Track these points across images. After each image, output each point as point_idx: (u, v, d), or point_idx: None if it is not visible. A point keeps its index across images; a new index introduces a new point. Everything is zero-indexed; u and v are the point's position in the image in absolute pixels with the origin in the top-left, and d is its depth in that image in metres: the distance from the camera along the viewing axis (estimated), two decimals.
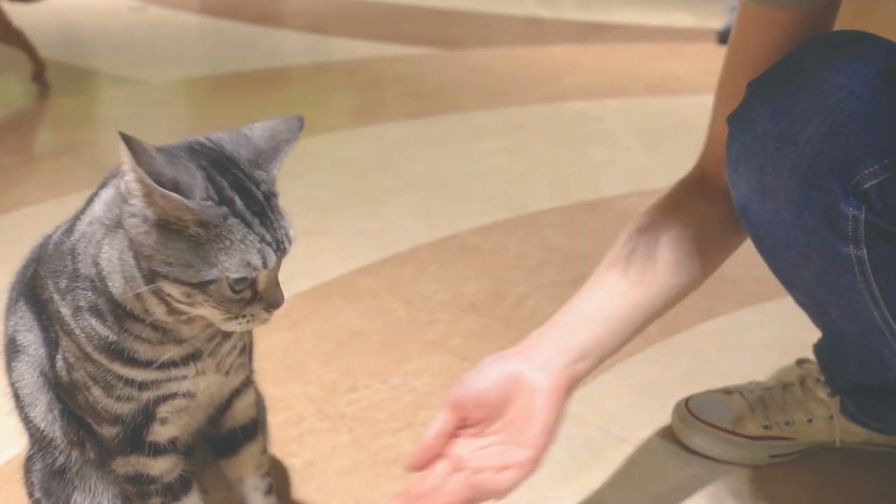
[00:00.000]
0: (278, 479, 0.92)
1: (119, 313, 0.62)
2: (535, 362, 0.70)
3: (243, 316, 0.61)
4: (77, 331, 0.64)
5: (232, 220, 0.57)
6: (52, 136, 2.39)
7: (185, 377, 0.66)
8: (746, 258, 0.84)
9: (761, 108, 0.72)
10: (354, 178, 1.93)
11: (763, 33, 0.77)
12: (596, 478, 0.93)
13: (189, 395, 0.68)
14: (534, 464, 0.67)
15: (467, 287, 1.38)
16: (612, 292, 0.77)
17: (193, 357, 0.66)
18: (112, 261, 0.60)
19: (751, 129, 0.72)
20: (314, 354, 1.18)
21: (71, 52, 3.35)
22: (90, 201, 0.65)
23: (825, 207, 0.69)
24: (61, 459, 0.72)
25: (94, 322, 0.63)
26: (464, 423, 0.70)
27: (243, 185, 0.59)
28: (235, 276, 0.58)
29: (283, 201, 0.65)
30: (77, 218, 0.65)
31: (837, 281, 0.73)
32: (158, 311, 0.61)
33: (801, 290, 0.82)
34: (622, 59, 3.10)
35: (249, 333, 0.72)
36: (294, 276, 1.41)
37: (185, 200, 0.55)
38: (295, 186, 1.81)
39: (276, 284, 0.62)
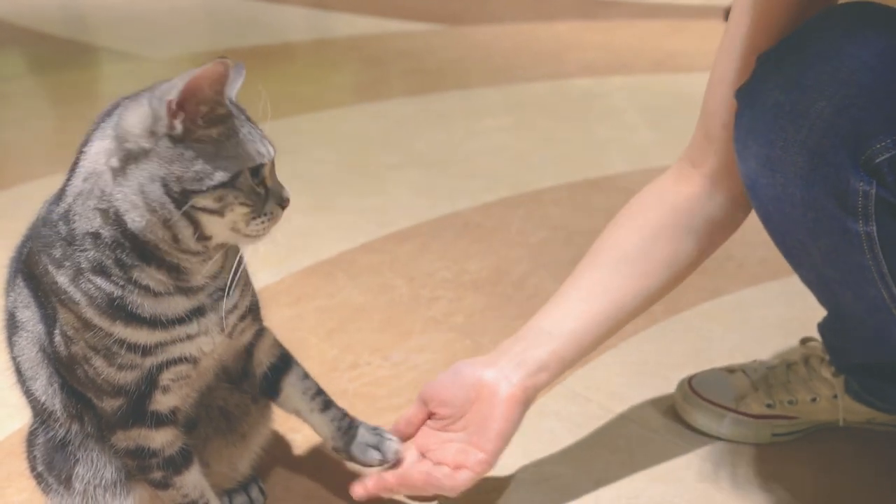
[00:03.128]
0: (279, 454, 0.92)
1: (126, 262, 0.63)
2: (499, 372, 0.79)
3: (265, 214, 0.65)
4: (78, 296, 0.64)
5: (240, 116, 0.64)
6: (53, 112, 2.38)
7: (188, 337, 0.66)
8: (752, 237, 0.83)
9: (772, 80, 0.70)
10: (356, 154, 1.92)
11: None
12: (598, 455, 0.93)
13: (192, 359, 0.68)
14: (486, 465, 0.77)
15: (470, 264, 1.37)
16: (591, 292, 0.82)
17: (198, 312, 0.66)
18: (129, 198, 0.61)
19: (760, 102, 0.71)
20: (316, 331, 1.18)
21: (72, 28, 3.33)
22: (76, 164, 0.65)
23: (835, 182, 0.68)
24: (62, 432, 0.72)
25: (98, 281, 0.63)
26: (432, 416, 0.81)
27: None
28: (252, 164, 0.63)
29: (285, 178, 0.67)
30: (65, 185, 0.65)
31: (845, 258, 0.73)
32: (186, 235, 0.63)
33: (808, 268, 0.82)
34: (628, 36, 3.07)
35: (251, 293, 0.73)
36: (296, 253, 1.41)
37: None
38: (297, 163, 1.80)
39: (278, 181, 0.67)
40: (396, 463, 0.80)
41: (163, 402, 0.69)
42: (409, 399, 1.01)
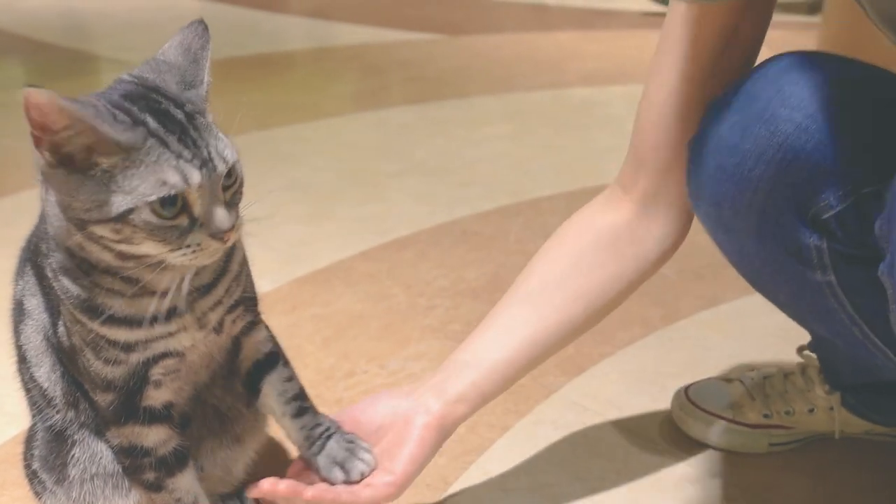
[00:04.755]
0: (275, 460, 0.91)
1: (85, 267, 0.62)
2: (416, 401, 0.77)
3: (188, 246, 0.58)
4: (60, 292, 0.64)
5: (150, 141, 0.56)
6: None
7: (169, 335, 0.65)
8: None
9: (713, 142, 0.71)
10: (356, 162, 1.92)
11: (698, 30, 0.75)
12: (594, 464, 0.93)
13: (177, 354, 0.67)
14: (393, 488, 0.73)
15: (468, 272, 1.37)
16: (512, 324, 0.81)
17: (173, 312, 0.65)
18: (54, 213, 0.61)
19: (704, 165, 0.72)
20: (313, 339, 1.18)
21: (71, 36, 3.34)
22: None
23: (787, 240, 0.70)
24: (59, 419, 0.72)
25: (66, 282, 0.63)
26: None
27: (159, 108, 0.58)
28: (152, 198, 0.56)
29: (285, 186, 0.64)
30: None
31: (813, 303, 0.74)
32: (107, 257, 0.60)
33: (782, 306, 0.83)
34: (628, 46, 3.07)
35: (238, 285, 0.70)
36: (294, 261, 1.41)
37: (110, 129, 0.55)
38: (296, 171, 1.80)
39: (221, 207, 0.59)
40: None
41: (155, 397, 0.69)
42: None
